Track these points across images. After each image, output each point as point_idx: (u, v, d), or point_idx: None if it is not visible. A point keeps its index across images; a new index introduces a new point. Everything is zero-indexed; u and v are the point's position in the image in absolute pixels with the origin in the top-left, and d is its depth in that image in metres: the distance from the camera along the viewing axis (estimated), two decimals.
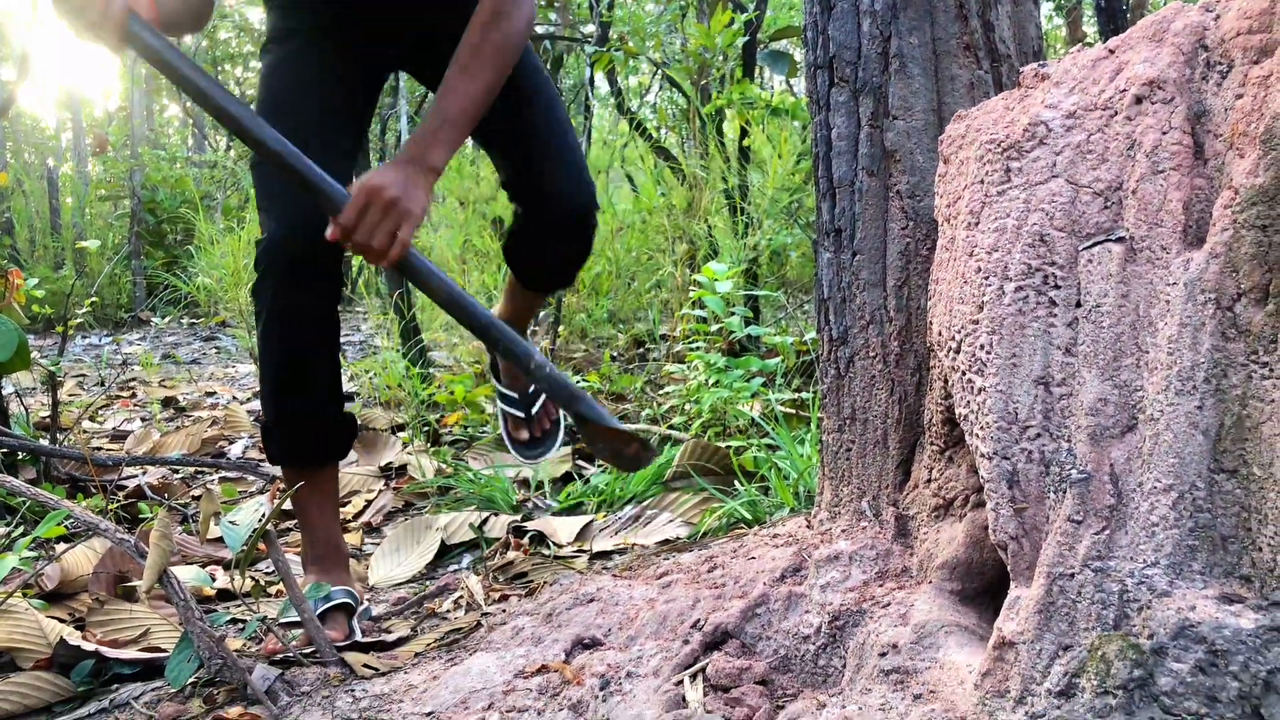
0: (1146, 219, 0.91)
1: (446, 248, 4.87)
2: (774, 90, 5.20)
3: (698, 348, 3.22)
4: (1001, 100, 1.06)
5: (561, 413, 2.06)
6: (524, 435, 2.14)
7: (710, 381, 2.90)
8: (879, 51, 1.37)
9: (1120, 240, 0.92)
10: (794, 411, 2.81)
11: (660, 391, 3.48)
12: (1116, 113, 0.94)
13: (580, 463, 2.87)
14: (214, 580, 2.00)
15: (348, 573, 1.81)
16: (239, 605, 1.88)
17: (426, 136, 1.53)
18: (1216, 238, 0.86)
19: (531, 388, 2.11)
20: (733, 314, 3.13)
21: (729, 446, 2.52)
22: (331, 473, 1.82)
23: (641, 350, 4.30)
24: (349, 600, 1.72)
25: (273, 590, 2.04)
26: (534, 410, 2.11)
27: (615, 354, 4.33)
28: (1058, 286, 0.96)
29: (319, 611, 1.65)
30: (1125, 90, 0.94)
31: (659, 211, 4.24)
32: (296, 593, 1.59)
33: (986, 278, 1.00)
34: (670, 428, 2.98)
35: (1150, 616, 0.84)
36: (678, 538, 2.13)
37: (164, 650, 1.67)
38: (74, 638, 1.62)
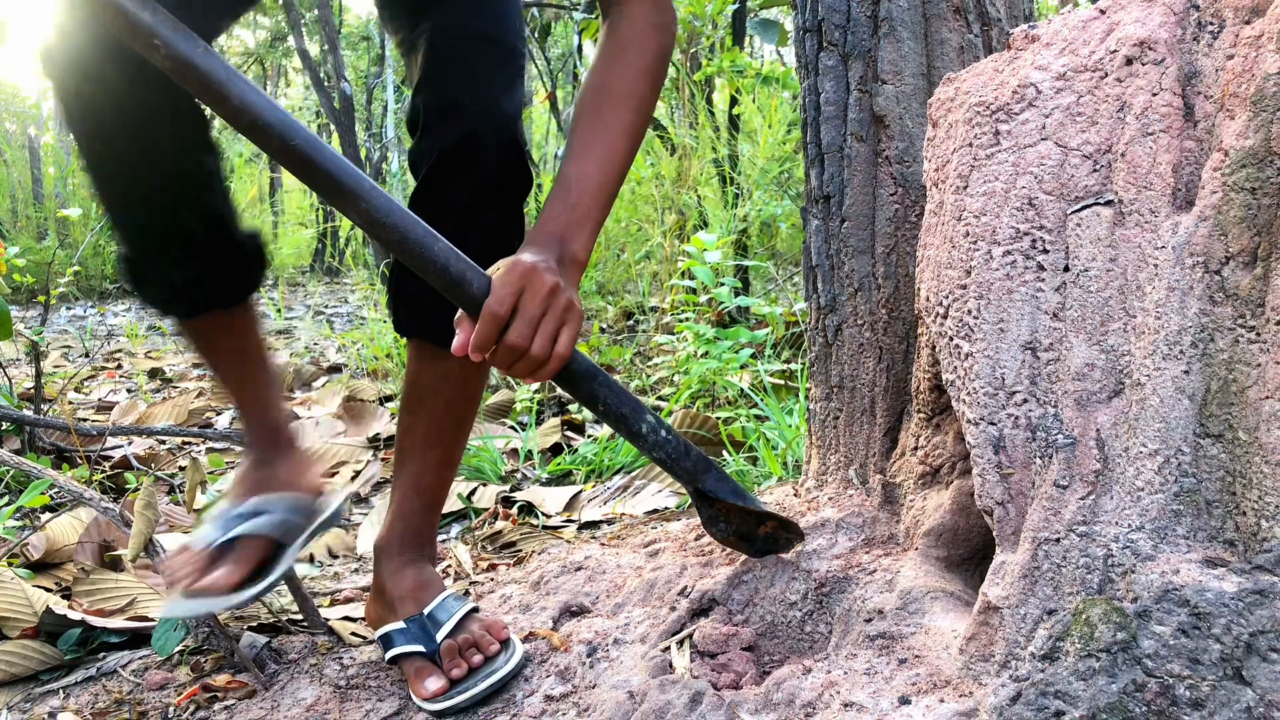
0: (1136, 182, 0.90)
1: None
2: (764, 59, 5.16)
3: (687, 319, 3.21)
4: (991, 62, 1.05)
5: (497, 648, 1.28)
6: (436, 685, 1.26)
7: (699, 353, 2.90)
8: (868, 15, 1.35)
9: (1109, 204, 0.92)
10: (783, 382, 2.81)
11: (649, 363, 3.47)
12: (1107, 74, 0.93)
13: (569, 433, 2.86)
14: None
15: (294, 464, 1.42)
16: None
17: (563, 217, 1.16)
18: (1205, 200, 0.85)
19: (428, 608, 1.34)
20: (722, 285, 3.12)
21: (718, 417, 2.52)
22: (247, 315, 1.39)
23: (631, 322, 4.29)
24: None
25: None
26: (440, 639, 1.30)
27: (604, 326, 4.32)
28: (1046, 251, 0.95)
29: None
30: (1116, 51, 0.93)
31: (648, 181, 4.21)
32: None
33: (975, 242, 0.99)
34: (659, 399, 2.98)
35: (1134, 580, 0.85)
36: (666, 507, 2.13)
37: (151, 619, 1.66)
38: (60, 606, 1.62)
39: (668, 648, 1.25)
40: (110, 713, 1.43)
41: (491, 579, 1.73)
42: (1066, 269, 0.94)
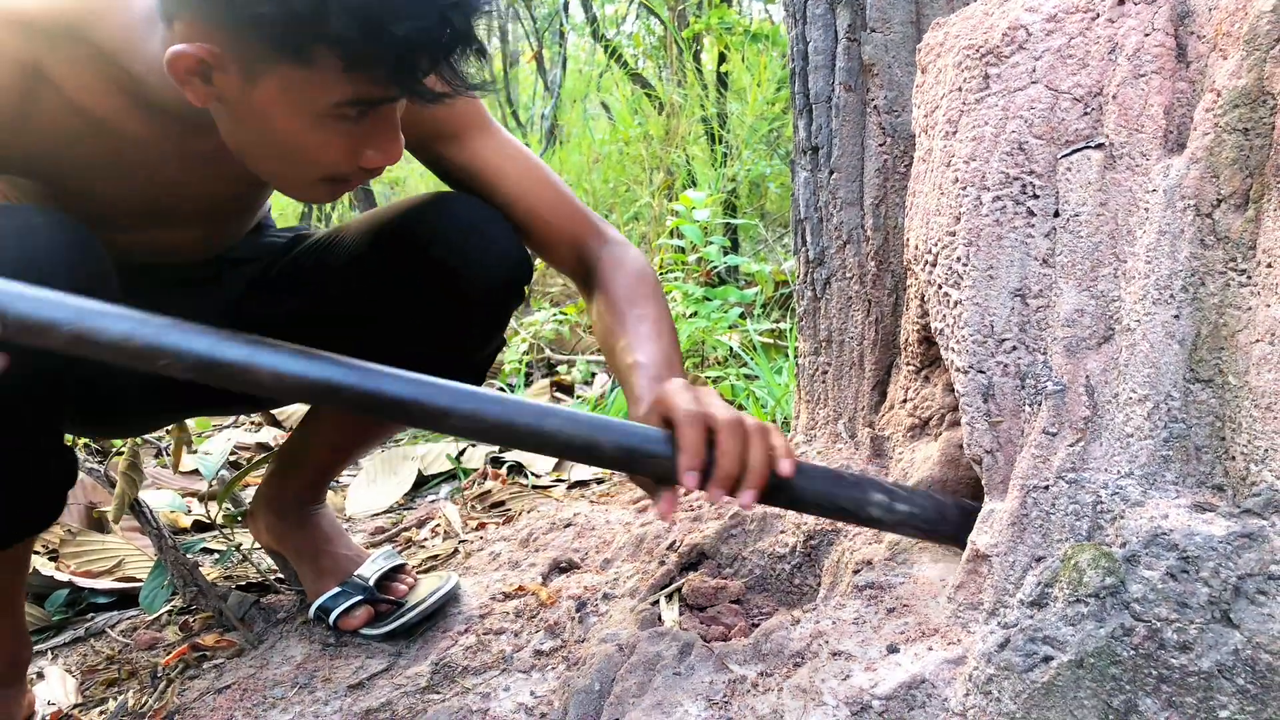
0: (1127, 125, 0.89)
1: None
2: (752, 16, 5.10)
3: (676, 278, 3.20)
4: (980, 5, 1.03)
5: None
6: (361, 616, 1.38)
7: (688, 313, 2.88)
8: None
9: (1099, 147, 0.90)
10: (772, 341, 2.80)
11: None
12: (1098, 15, 0.91)
13: (559, 394, 2.86)
14: (189, 511, 1.99)
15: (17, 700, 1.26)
16: (214, 535, 1.87)
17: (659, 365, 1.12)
18: (1197, 142, 0.84)
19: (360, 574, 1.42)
20: (710, 244, 3.10)
21: (707, 377, 2.51)
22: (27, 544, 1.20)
23: None
24: None
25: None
26: (370, 582, 1.40)
27: None
28: (1036, 196, 0.94)
29: None
30: None
31: (636, 141, 4.18)
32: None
33: (964, 188, 0.98)
34: None
35: (1123, 526, 0.84)
36: None
37: (138, 580, 1.66)
38: (48, 568, 1.61)
39: (657, 601, 1.25)
40: (100, 670, 1.43)
41: (481, 537, 1.72)
42: (1056, 214, 0.93)
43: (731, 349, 2.70)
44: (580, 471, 2.17)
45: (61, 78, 1.00)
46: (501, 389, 2.92)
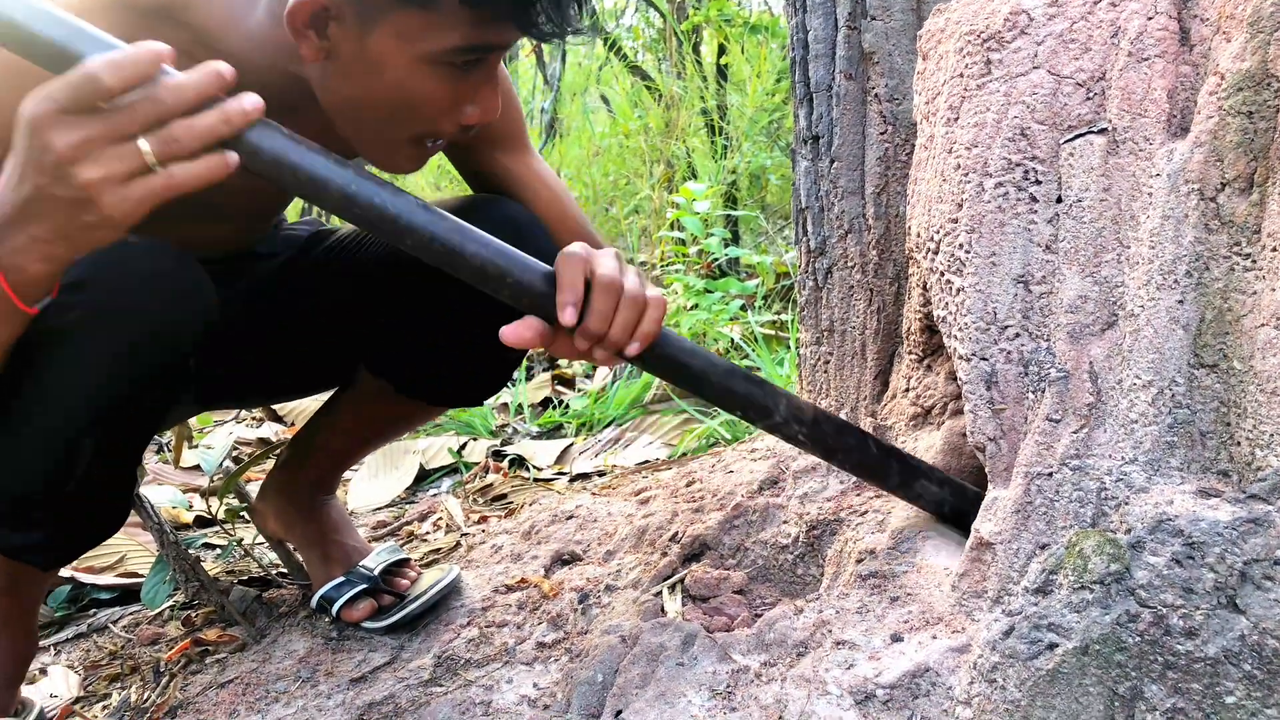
0: (1130, 109, 0.88)
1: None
2: (752, 8, 5.09)
3: (677, 271, 3.19)
4: None
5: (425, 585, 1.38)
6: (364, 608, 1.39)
7: (689, 305, 2.88)
8: None
9: (1102, 132, 0.90)
10: (773, 333, 2.79)
11: None
12: None
13: (559, 387, 2.85)
14: (190, 507, 1.99)
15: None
16: (215, 531, 1.87)
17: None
18: (1201, 125, 0.83)
19: (361, 566, 1.42)
20: (711, 236, 3.09)
21: None
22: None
23: None
24: None
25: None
26: (375, 573, 1.40)
27: None
28: (1038, 182, 0.93)
29: None
30: None
31: (636, 134, 4.16)
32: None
33: (966, 174, 0.97)
34: None
35: (1128, 512, 0.84)
36: (657, 458, 2.13)
37: (141, 575, 1.66)
38: None
39: (660, 592, 1.25)
40: (102, 666, 1.43)
41: (483, 530, 1.72)
42: (1059, 200, 0.92)
43: (733, 340, 2.69)
44: (582, 464, 2.17)
45: None
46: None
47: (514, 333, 0.94)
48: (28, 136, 0.77)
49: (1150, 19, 0.88)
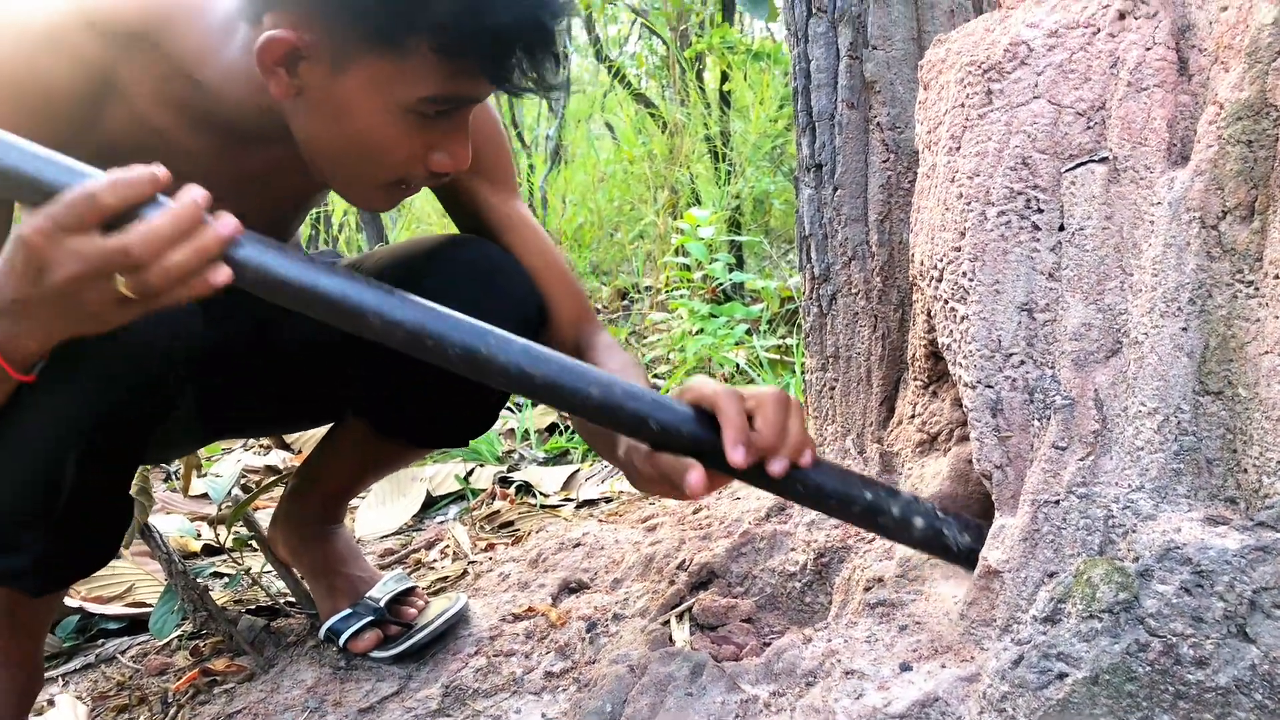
0: (1130, 138, 0.89)
1: None
2: (754, 35, 5.13)
3: (681, 296, 3.20)
4: (982, 22, 1.03)
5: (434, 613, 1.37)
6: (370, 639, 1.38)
7: (694, 330, 2.88)
8: None
9: (1103, 161, 0.90)
10: (778, 357, 2.80)
11: (644, 341, 3.46)
12: (1099, 29, 0.92)
13: (565, 413, 2.85)
14: (199, 535, 1.99)
15: None
16: (224, 560, 1.87)
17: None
18: (1201, 154, 0.84)
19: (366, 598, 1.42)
20: (716, 261, 3.10)
21: None
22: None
23: (625, 301, 4.27)
24: None
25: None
26: (381, 604, 1.40)
27: (600, 306, 4.31)
28: (1041, 210, 0.94)
29: None
30: (1108, 5, 0.91)
31: (640, 160, 4.19)
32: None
33: (968, 203, 0.98)
34: (655, 376, 2.97)
35: (1135, 540, 0.84)
36: None
37: (149, 605, 1.66)
38: None
39: (667, 621, 1.25)
40: (110, 697, 1.43)
41: (490, 558, 1.72)
42: (1062, 228, 0.93)
43: (738, 365, 2.70)
44: (589, 491, 2.17)
45: (131, 85, 1.00)
46: (509, 409, 2.92)
47: (695, 488, 0.91)
48: (22, 250, 0.79)
49: (1149, 49, 0.89)
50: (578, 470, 2.31)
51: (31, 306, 0.81)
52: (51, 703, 1.42)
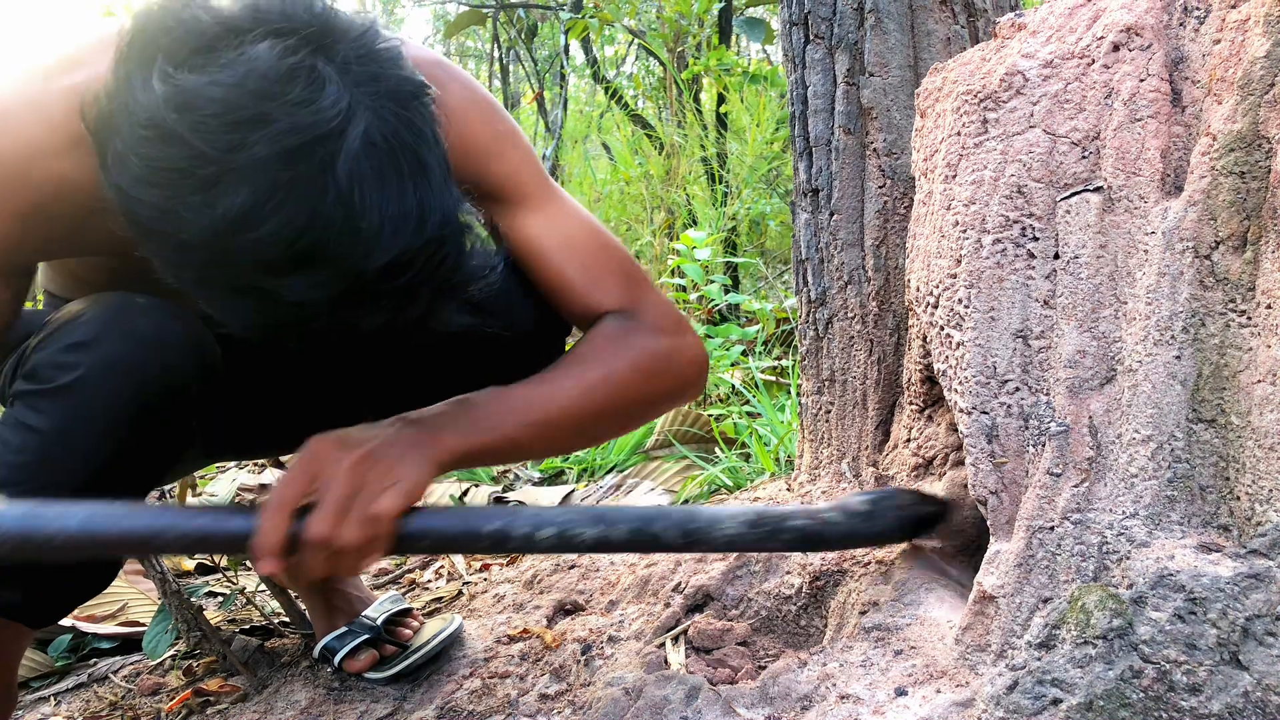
0: (1124, 168, 0.90)
1: None
2: (751, 57, 5.16)
3: None
4: (978, 51, 1.05)
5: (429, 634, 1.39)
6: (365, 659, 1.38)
7: None
8: (854, 7, 1.35)
9: (1098, 190, 0.92)
10: (774, 379, 2.81)
11: None
12: (1094, 61, 0.93)
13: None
14: (193, 555, 1.98)
15: None
16: (218, 579, 1.86)
17: (452, 410, 1.02)
18: (1194, 185, 0.85)
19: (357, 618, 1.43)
20: (712, 282, 3.12)
21: (710, 414, 2.52)
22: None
23: None
24: None
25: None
26: (378, 623, 1.40)
27: None
28: (1036, 238, 0.95)
29: None
30: (1103, 37, 0.92)
31: (637, 181, 4.21)
32: None
33: (964, 231, 0.99)
34: None
35: (1129, 567, 0.84)
36: (659, 506, 2.12)
37: (142, 625, 1.65)
38: None
39: (663, 644, 1.25)
40: (103, 717, 1.42)
41: (485, 579, 1.72)
42: (1056, 256, 0.94)
43: (734, 386, 2.70)
44: None
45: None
46: None
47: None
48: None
49: (1143, 80, 0.90)
50: (573, 490, 2.31)
51: None
52: None
